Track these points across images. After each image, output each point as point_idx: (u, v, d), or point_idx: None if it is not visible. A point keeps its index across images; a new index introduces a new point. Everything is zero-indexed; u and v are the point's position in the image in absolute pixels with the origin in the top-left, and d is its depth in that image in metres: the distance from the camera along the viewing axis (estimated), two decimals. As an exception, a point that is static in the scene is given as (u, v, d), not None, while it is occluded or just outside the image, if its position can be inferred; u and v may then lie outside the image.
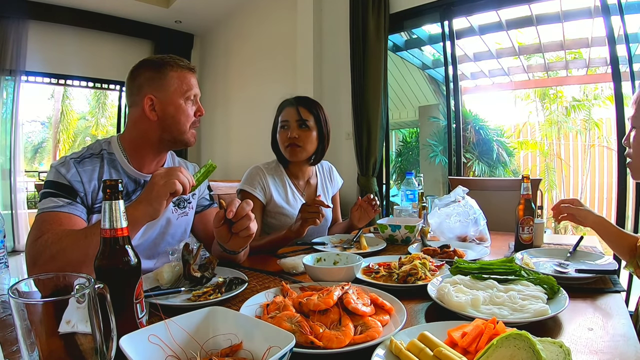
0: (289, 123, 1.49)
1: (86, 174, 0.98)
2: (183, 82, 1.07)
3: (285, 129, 1.50)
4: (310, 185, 1.64)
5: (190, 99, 1.09)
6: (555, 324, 0.69)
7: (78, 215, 0.93)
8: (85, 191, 0.97)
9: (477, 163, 6.47)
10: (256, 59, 4.22)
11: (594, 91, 6.22)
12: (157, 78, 1.04)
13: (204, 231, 1.23)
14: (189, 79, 1.09)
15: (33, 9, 3.90)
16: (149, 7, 4.23)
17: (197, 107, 1.12)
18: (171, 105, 1.05)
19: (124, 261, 0.57)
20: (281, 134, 1.51)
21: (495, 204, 1.91)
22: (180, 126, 1.07)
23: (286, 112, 1.51)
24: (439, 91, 6.25)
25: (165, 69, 1.05)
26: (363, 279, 0.92)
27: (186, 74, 1.08)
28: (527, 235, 1.23)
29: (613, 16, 2.26)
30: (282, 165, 1.58)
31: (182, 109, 1.06)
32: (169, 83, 1.05)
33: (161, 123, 1.05)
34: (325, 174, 1.71)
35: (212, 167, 0.96)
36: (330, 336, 0.58)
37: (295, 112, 1.49)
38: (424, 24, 3.58)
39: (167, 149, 1.13)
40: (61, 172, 0.95)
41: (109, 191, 0.55)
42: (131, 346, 0.49)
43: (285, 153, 1.51)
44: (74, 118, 9.66)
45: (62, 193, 0.93)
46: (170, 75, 1.05)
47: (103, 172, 1.02)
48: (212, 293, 0.82)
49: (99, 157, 1.03)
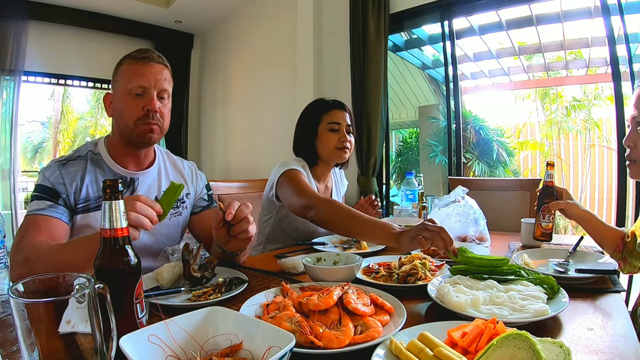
0: (341, 126, 1.51)
1: (69, 175, 1.01)
2: (129, 74, 1.02)
3: (336, 132, 1.50)
4: (327, 188, 1.65)
5: (134, 92, 1.01)
6: (555, 324, 0.69)
7: (57, 218, 0.97)
8: (68, 192, 1.00)
9: (477, 163, 6.47)
10: (256, 59, 4.22)
11: (594, 91, 6.22)
12: (114, 74, 1.05)
13: (202, 232, 1.22)
14: (138, 70, 1.02)
15: (33, 9, 3.89)
16: (149, 7, 4.23)
17: (147, 101, 1.01)
18: (117, 100, 1.04)
19: (124, 261, 0.57)
20: (332, 136, 1.50)
21: (495, 204, 1.91)
22: (123, 121, 1.03)
23: (337, 115, 1.52)
24: (439, 91, 6.25)
25: (122, 63, 1.04)
26: (363, 279, 0.92)
27: (135, 66, 1.02)
28: (548, 223, 1.17)
29: (613, 16, 2.26)
30: (309, 165, 1.56)
31: (125, 103, 1.02)
32: (119, 77, 1.04)
33: (114, 120, 1.06)
34: (337, 177, 1.73)
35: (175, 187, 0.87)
36: (330, 336, 0.58)
37: (345, 117, 1.53)
38: (424, 24, 3.58)
39: (132, 147, 1.08)
40: (46, 175, 1.00)
41: (108, 191, 0.55)
42: (131, 346, 0.48)
43: (333, 154, 1.51)
44: (74, 118, 9.65)
45: (46, 195, 0.98)
46: (120, 70, 1.04)
47: (86, 172, 1.03)
48: (212, 293, 0.82)
49: (84, 159, 1.05)
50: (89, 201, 1.02)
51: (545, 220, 1.18)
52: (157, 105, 1.03)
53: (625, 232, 1.12)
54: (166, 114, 1.08)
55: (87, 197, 1.02)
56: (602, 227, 1.14)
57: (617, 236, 1.13)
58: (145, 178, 1.12)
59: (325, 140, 1.51)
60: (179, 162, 1.25)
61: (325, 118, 1.52)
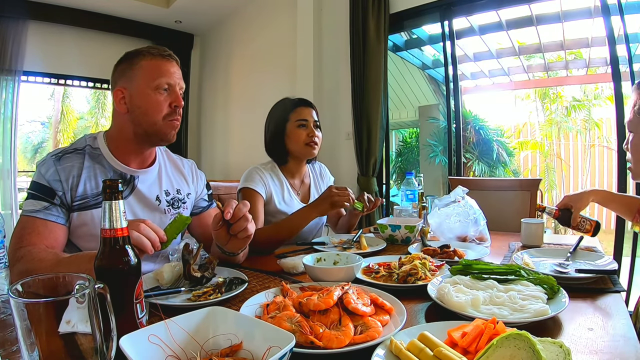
0: (309, 122, 1.55)
1: (65, 171, 0.98)
2: (153, 71, 1.00)
3: (304, 128, 1.54)
4: (304, 184, 1.66)
5: (161, 88, 1.01)
6: (555, 324, 0.68)
7: (54, 221, 0.95)
8: (64, 189, 0.97)
9: (477, 163, 6.47)
10: (256, 59, 4.22)
11: (594, 91, 6.22)
12: (128, 69, 1.02)
13: (203, 232, 1.22)
14: (162, 67, 1.02)
15: (33, 8, 3.90)
16: (149, 7, 4.23)
17: (174, 97, 1.03)
18: (139, 95, 1.00)
19: (124, 261, 0.57)
20: (300, 132, 1.54)
21: (495, 204, 1.91)
22: (149, 117, 1.01)
23: (304, 112, 1.56)
24: (439, 91, 6.25)
25: (137, 58, 1.01)
26: (363, 279, 0.91)
27: (159, 62, 1.02)
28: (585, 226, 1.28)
29: (613, 16, 2.26)
30: (278, 164, 1.60)
31: (150, 98, 1.00)
32: (138, 73, 1.01)
33: (131, 116, 1.02)
34: (317, 173, 1.74)
35: (183, 219, 0.86)
36: (330, 336, 0.58)
37: (312, 113, 1.57)
38: (424, 24, 3.58)
39: (146, 144, 1.07)
40: (41, 172, 0.97)
41: (108, 191, 0.55)
42: (131, 346, 0.48)
43: (303, 150, 1.55)
44: (74, 118, 9.65)
45: (41, 195, 0.95)
46: (139, 65, 1.01)
47: (83, 168, 1.00)
48: (212, 293, 0.82)
49: (82, 153, 1.02)
50: (86, 198, 0.99)
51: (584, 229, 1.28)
52: (182, 102, 1.05)
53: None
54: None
55: (84, 193, 0.99)
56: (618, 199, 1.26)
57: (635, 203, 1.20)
58: (146, 176, 1.10)
59: (295, 137, 1.54)
60: (179, 160, 1.23)
61: (292, 116, 1.55)
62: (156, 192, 1.12)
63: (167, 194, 1.14)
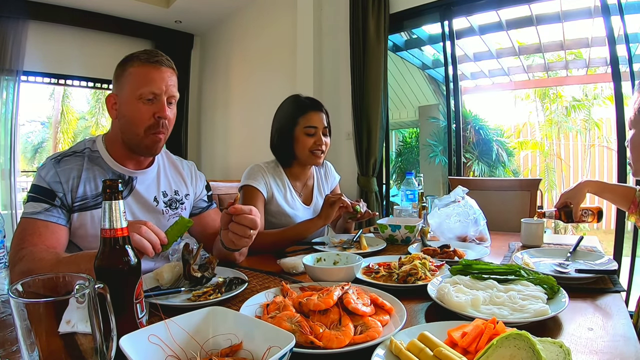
0: (318, 130, 1.48)
1: (65, 173, 0.98)
2: (139, 79, 0.96)
3: (312, 136, 1.48)
4: (307, 186, 1.64)
5: (145, 98, 0.97)
6: (555, 324, 0.68)
7: (55, 222, 0.95)
8: (64, 191, 0.97)
9: (477, 163, 6.47)
10: (256, 59, 4.22)
11: (594, 91, 6.22)
12: (120, 75, 1.01)
13: (202, 232, 1.22)
14: (149, 75, 0.97)
15: (33, 8, 3.89)
16: (149, 7, 4.23)
17: (158, 107, 0.97)
18: (125, 104, 0.98)
19: (124, 261, 0.57)
20: (308, 140, 1.47)
21: (495, 204, 1.91)
22: (132, 128, 0.99)
23: (314, 118, 1.48)
24: (439, 91, 6.25)
25: (128, 64, 0.99)
26: (363, 279, 0.92)
27: (146, 69, 0.97)
28: (588, 218, 1.32)
29: (613, 16, 2.26)
30: (282, 166, 1.56)
31: (134, 109, 0.97)
32: (127, 80, 0.98)
33: (120, 123, 1.01)
34: (321, 173, 1.71)
35: (184, 222, 0.87)
36: (330, 336, 0.58)
37: (322, 119, 1.50)
38: (424, 24, 3.58)
39: (141, 154, 1.06)
40: (41, 175, 0.97)
41: (108, 191, 0.55)
42: (131, 346, 0.48)
43: (308, 158, 1.50)
44: (74, 118, 9.64)
45: (42, 197, 0.95)
46: (128, 72, 0.98)
47: (83, 170, 1.00)
48: (212, 293, 0.82)
49: (81, 156, 1.03)
50: (86, 199, 1.00)
51: (588, 219, 1.32)
52: (167, 112, 1.00)
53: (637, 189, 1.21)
54: (172, 120, 1.05)
55: (84, 195, 0.99)
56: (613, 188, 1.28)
57: (630, 193, 1.22)
58: (144, 177, 1.10)
59: (301, 143, 1.48)
60: (178, 162, 1.23)
61: (301, 121, 1.48)
62: (154, 193, 1.12)
63: (165, 195, 1.14)
